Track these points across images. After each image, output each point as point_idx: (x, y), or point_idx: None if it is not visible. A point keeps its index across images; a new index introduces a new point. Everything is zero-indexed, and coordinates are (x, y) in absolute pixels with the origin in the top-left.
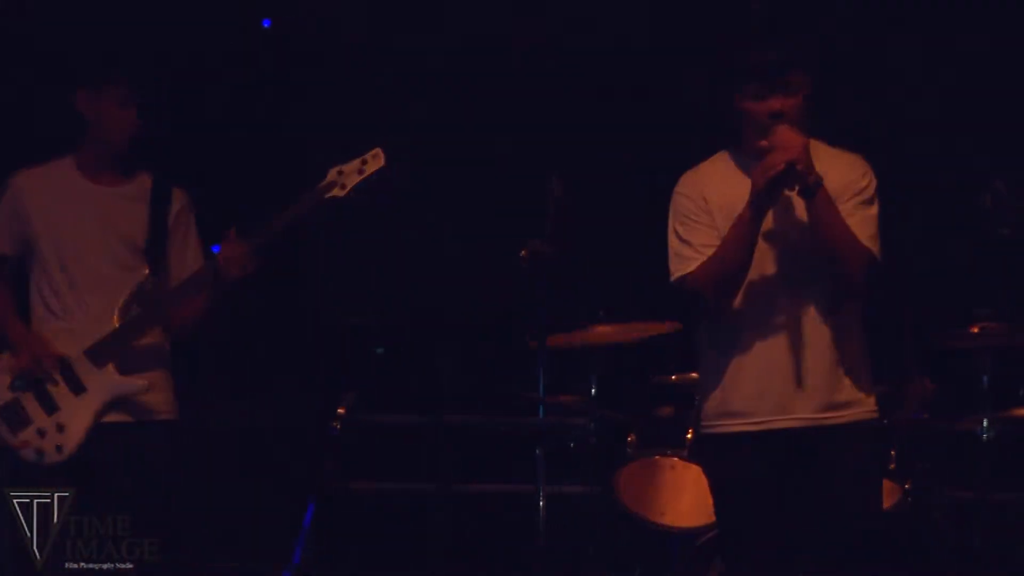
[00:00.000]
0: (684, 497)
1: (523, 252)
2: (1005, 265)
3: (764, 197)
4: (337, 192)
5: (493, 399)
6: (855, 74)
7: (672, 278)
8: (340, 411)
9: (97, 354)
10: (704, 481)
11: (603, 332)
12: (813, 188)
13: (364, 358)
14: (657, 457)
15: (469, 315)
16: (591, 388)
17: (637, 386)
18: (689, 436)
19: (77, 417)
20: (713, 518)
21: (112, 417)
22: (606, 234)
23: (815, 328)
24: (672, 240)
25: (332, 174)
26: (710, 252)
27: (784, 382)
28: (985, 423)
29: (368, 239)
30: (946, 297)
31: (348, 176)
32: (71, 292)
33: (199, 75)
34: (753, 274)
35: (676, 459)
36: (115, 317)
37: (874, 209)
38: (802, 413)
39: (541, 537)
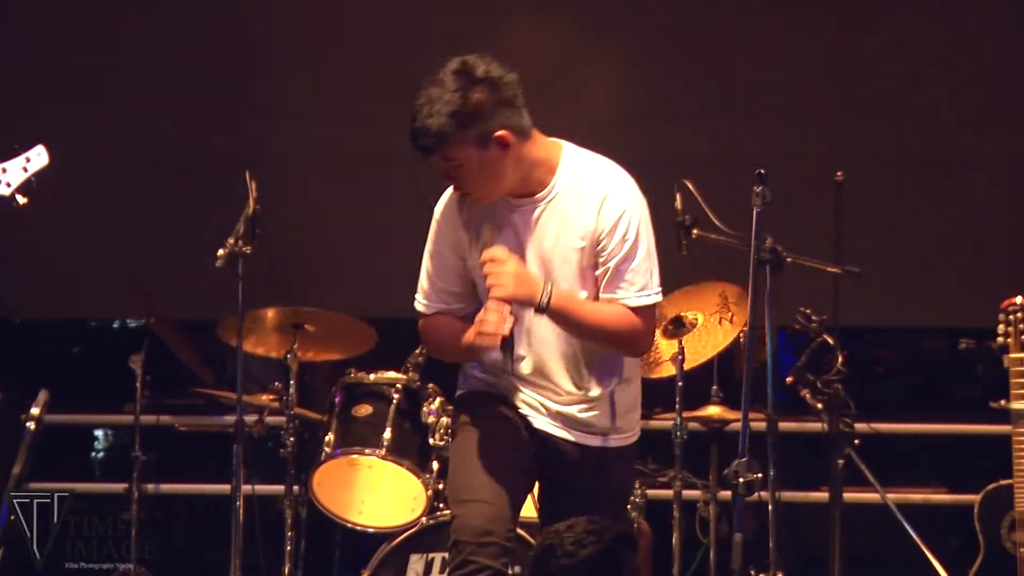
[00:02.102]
0: (381, 496)
1: (220, 252)
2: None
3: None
4: (1, 192)
5: (190, 398)
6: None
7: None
8: (33, 411)
9: None
10: (401, 480)
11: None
12: (542, 310)
13: (59, 357)
14: (355, 456)
15: (168, 313)
16: (289, 388)
17: (336, 385)
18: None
19: None
20: (410, 518)
21: None
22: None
23: (579, 354)
24: (424, 261)
25: None
26: (445, 301)
27: (540, 405)
28: (678, 421)
29: (67, 237)
30: None
31: (12, 174)
32: None
33: None
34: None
35: (374, 458)
36: None
37: (638, 254)
38: (558, 426)
39: (238, 537)
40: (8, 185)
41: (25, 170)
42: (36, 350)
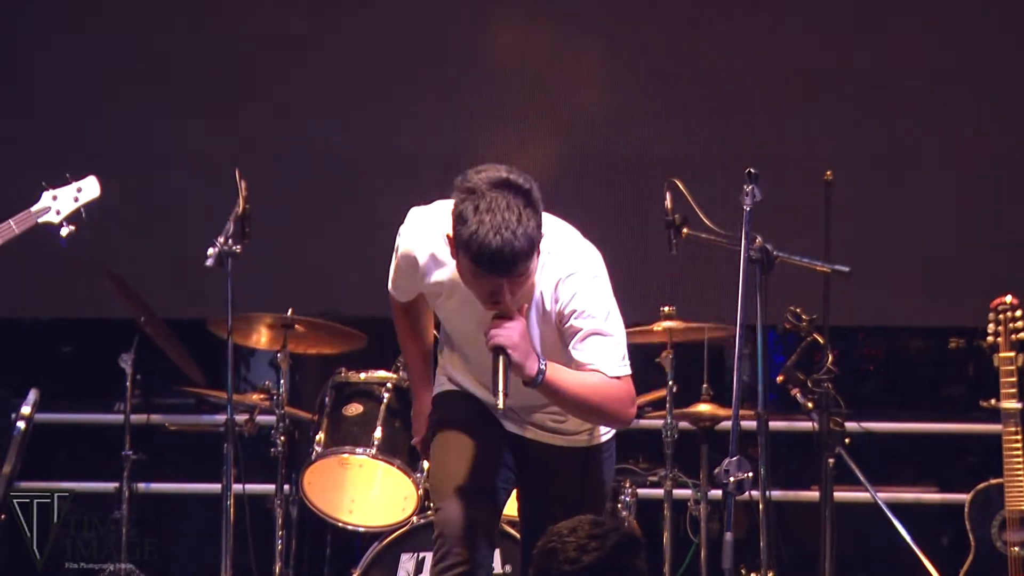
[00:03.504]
0: (372, 495)
1: (210, 251)
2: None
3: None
4: (51, 219)
5: (180, 397)
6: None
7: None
8: (24, 410)
9: None
10: (391, 480)
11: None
12: (535, 381)
13: (49, 356)
14: (345, 456)
15: (157, 313)
16: (280, 387)
17: (325, 384)
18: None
19: None
20: (400, 517)
21: None
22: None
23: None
24: (392, 265)
25: (46, 198)
26: (408, 295)
27: (513, 411)
28: (668, 419)
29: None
30: (637, 294)
31: (63, 202)
32: None
33: None
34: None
35: (364, 457)
36: None
37: (606, 325)
38: (533, 431)
39: (228, 537)
40: (58, 213)
41: (76, 200)
42: (26, 349)
